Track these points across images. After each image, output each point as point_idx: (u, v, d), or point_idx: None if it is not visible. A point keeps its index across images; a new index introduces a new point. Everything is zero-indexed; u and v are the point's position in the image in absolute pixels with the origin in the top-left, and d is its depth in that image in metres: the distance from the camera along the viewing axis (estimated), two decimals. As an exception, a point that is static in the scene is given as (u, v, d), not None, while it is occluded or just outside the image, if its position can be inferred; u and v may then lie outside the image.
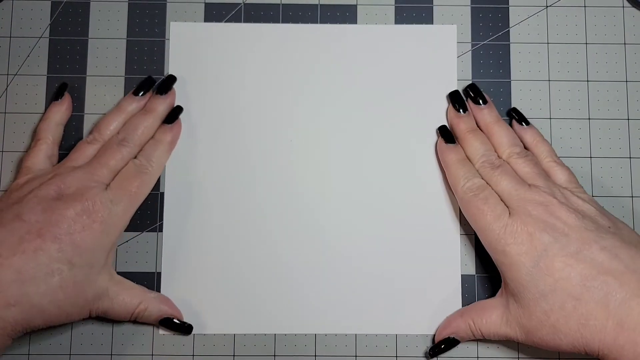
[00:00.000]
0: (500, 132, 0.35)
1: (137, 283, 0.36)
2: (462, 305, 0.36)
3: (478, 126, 0.36)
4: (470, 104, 0.37)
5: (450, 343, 0.34)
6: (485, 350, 0.36)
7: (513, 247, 0.31)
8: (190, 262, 0.36)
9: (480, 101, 0.36)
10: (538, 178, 0.33)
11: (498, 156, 0.35)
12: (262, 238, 0.37)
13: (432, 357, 0.35)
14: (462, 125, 0.36)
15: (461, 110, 0.36)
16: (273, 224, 0.37)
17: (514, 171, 0.34)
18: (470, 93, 0.37)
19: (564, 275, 0.30)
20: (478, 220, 0.33)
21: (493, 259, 0.33)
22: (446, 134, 0.36)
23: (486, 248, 0.33)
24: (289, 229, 0.37)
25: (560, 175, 0.34)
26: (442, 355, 0.36)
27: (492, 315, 0.33)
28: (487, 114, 0.36)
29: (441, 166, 0.37)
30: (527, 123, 0.37)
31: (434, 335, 0.36)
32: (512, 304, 0.32)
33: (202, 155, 0.37)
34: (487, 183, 0.34)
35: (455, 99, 0.37)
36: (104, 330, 0.36)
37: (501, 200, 0.33)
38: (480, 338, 0.34)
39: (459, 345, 0.36)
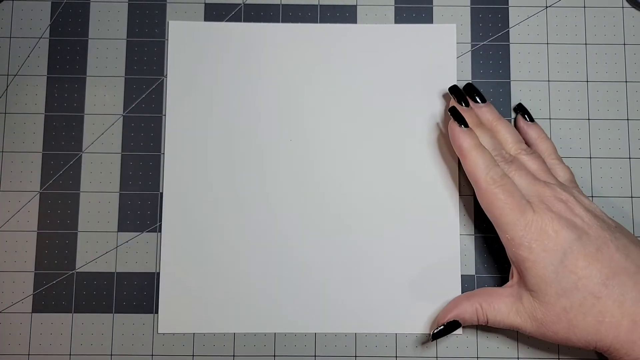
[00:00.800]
0: (504, 130, 0.35)
1: (136, 283, 0.36)
2: (462, 306, 0.36)
3: None
4: (470, 103, 0.36)
5: (452, 326, 0.34)
6: (485, 351, 0.36)
7: (539, 243, 0.31)
8: (189, 262, 0.36)
9: (478, 99, 0.36)
10: (548, 175, 0.34)
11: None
12: (261, 238, 0.37)
13: (434, 339, 0.34)
14: (468, 119, 0.35)
15: (463, 103, 0.36)
16: (272, 224, 0.37)
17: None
18: (468, 92, 0.36)
19: (586, 273, 0.30)
20: (503, 214, 0.32)
21: (512, 254, 0.32)
22: (459, 117, 0.35)
23: (507, 241, 0.32)
24: (289, 228, 0.37)
25: (561, 174, 0.35)
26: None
27: (502, 304, 0.33)
28: (487, 112, 0.36)
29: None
30: (532, 120, 0.37)
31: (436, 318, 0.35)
32: (526, 298, 0.32)
33: (201, 155, 0.37)
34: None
35: (456, 92, 0.36)
36: (104, 330, 0.36)
37: None
38: (482, 324, 0.33)
39: (459, 345, 0.36)
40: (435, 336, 0.34)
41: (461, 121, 0.34)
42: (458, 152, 0.34)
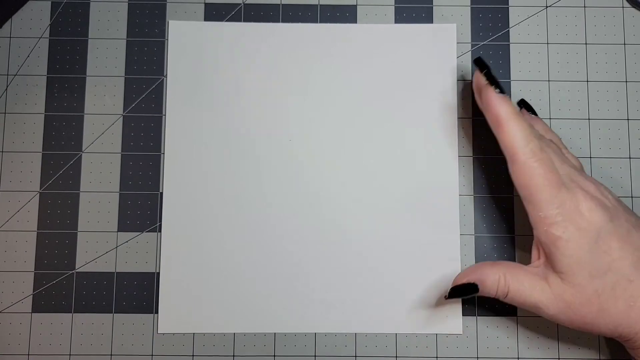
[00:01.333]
0: None
1: (136, 283, 0.36)
2: (462, 305, 0.36)
3: None
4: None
5: (470, 289, 0.32)
6: (485, 351, 0.36)
7: (573, 221, 0.30)
8: (189, 262, 0.36)
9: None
10: (565, 159, 0.33)
11: None
12: (261, 238, 0.37)
13: (449, 298, 0.33)
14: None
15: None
16: (272, 224, 0.37)
17: None
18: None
19: (621, 254, 0.30)
20: (539, 191, 0.30)
21: (543, 233, 0.31)
22: (494, 81, 0.32)
23: (539, 220, 0.31)
24: (289, 228, 0.37)
25: (573, 163, 0.34)
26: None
27: (526, 279, 0.31)
28: None
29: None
30: (535, 114, 0.37)
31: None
32: (553, 279, 0.31)
33: (201, 155, 0.37)
34: None
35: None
36: (104, 330, 0.36)
37: None
38: (500, 297, 0.32)
39: (459, 345, 0.36)
40: (451, 295, 0.32)
41: (497, 86, 0.32)
42: (493, 121, 0.32)
